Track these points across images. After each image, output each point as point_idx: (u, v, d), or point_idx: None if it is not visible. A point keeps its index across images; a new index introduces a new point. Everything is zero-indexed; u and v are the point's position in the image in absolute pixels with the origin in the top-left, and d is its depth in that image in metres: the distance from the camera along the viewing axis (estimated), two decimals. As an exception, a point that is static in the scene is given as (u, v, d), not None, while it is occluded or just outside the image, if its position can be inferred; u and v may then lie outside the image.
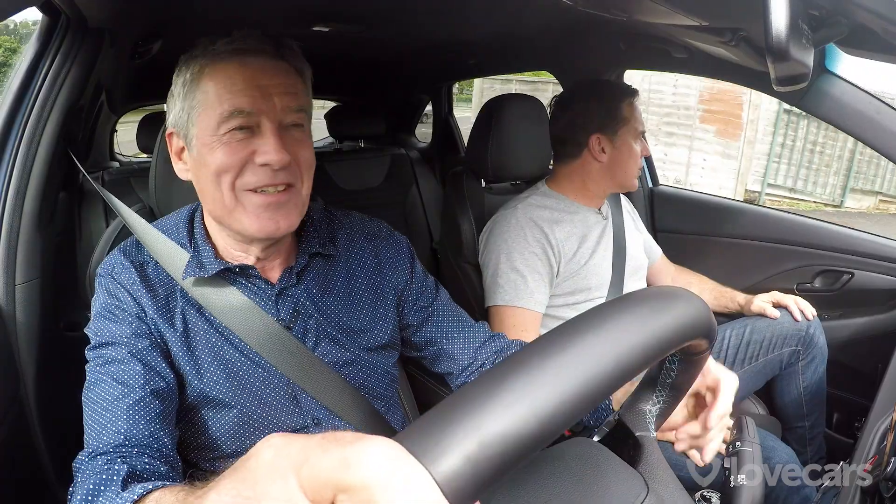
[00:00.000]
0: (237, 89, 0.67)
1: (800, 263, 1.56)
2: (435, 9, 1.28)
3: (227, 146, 0.68)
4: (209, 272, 0.73)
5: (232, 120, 0.67)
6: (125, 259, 0.75)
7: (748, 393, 1.40)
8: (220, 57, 0.68)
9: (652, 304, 0.35)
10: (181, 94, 0.70)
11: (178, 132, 0.72)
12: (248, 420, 0.73)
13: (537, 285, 1.18)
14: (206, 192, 0.71)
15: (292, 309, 0.77)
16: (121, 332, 0.70)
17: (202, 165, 0.70)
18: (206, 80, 0.68)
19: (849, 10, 0.62)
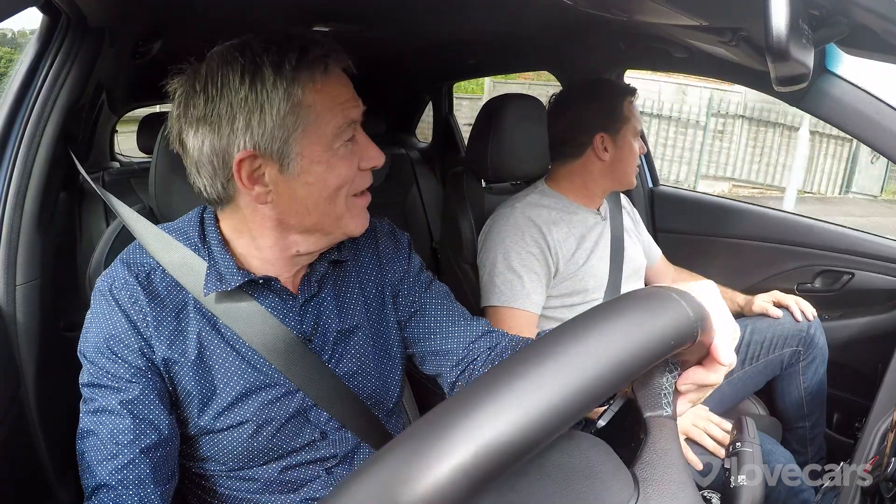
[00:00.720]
0: (344, 99, 0.67)
1: (800, 263, 1.56)
2: (435, 8, 1.27)
3: (344, 160, 0.67)
4: (231, 284, 0.69)
5: (346, 132, 0.67)
6: (128, 272, 0.69)
7: (748, 393, 1.40)
8: (317, 67, 0.65)
9: (635, 318, 0.34)
10: (274, 111, 0.63)
11: (266, 154, 0.65)
12: (257, 438, 0.71)
13: (534, 286, 1.18)
14: (312, 209, 0.68)
15: (314, 321, 0.74)
16: (114, 372, 0.67)
17: (309, 184, 0.66)
18: (310, 94, 0.64)
19: (849, 10, 0.62)
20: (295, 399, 0.72)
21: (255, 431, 0.70)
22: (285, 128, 0.64)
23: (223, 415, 0.69)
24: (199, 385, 0.69)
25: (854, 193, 8.32)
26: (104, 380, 0.67)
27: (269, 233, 0.70)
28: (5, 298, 0.82)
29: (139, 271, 0.70)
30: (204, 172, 0.67)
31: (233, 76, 0.63)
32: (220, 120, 0.64)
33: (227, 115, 0.63)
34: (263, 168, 0.65)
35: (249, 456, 0.71)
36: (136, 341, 0.67)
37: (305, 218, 0.69)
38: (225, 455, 0.71)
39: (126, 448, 0.65)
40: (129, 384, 0.67)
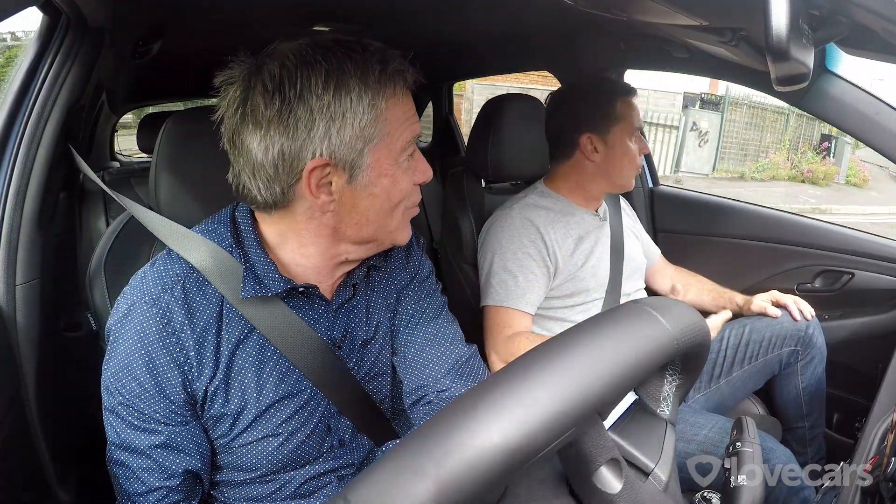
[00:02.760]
0: (411, 114, 0.67)
1: (800, 263, 1.56)
2: (435, 8, 1.27)
3: (406, 173, 0.67)
4: (271, 290, 0.66)
5: (410, 146, 0.67)
6: (160, 286, 0.65)
7: (748, 393, 1.40)
8: (396, 81, 0.64)
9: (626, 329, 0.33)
10: (357, 120, 0.61)
11: (341, 163, 0.63)
12: (285, 448, 0.69)
13: (530, 286, 1.18)
14: (373, 220, 0.67)
15: (344, 327, 0.73)
16: (148, 413, 0.64)
17: (373, 195, 0.65)
18: (388, 107, 0.63)
19: (849, 10, 0.62)
20: (321, 407, 0.71)
21: (283, 443, 0.69)
22: (363, 139, 0.62)
23: (249, 430, 0.68)
24: (229, 399, 0.67)
25: (683, 172, 9.58)
26: (132, 417, 0.65)
27: (322, 241, 0.68)
28: (5, 298, 0.82)
29: (172, 283, 0.66)
30: (262, 175, 0.63)
31: (315, 80, 0.60)
32: (297, 124, 0.60)
33: (306, 119, 0.60)
34: (332, 177, 0.63)
35: (279, 464, 0.70)
36: (176, 374, 0.64)
37: (363, 229, 0.67)
38: (254, 464, 0.70)
39: (160, 483, 0.65)
40: (162, 426, 0.65)
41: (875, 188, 12.10)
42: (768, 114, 11.57)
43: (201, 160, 0.90)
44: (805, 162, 11.39)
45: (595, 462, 0.34)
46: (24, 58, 0.89)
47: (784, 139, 11.72)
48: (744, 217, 1.68)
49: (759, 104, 11.17)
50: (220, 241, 0.68)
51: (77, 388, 0.96)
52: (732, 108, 10.78)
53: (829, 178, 11.37)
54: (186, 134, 0.89)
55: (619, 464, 0.35)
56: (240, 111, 0.62)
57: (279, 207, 0.66)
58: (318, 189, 0.63)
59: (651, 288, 1.54)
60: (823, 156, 12.07)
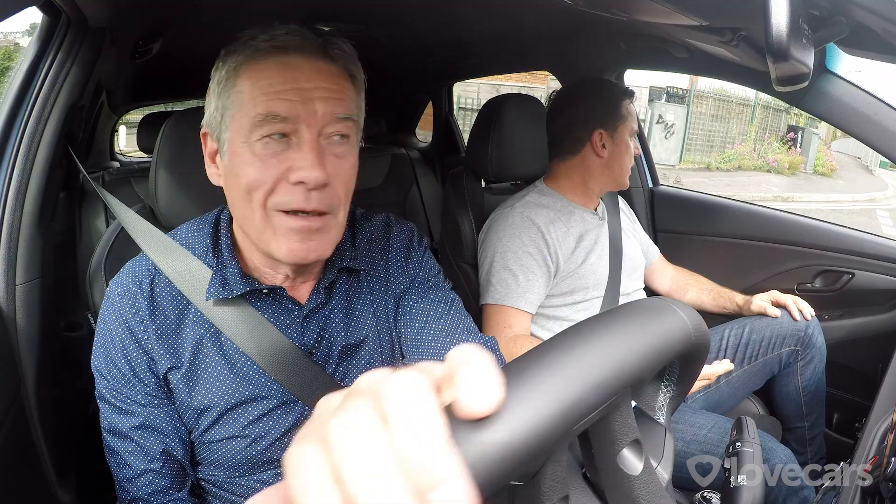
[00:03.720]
0: (273, 91, 0.59)
1: (800, 263, 1.56)
2: (435, 9, 1.27)
3: (259, 160, 0.60)
4: (234, 292, 0.66)
5: (265, 125, 0.59)
6: (132, 279, 0.68)
7: (748, 393, 1.40)
8: (259, 53, 0.61)
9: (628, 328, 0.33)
10: (216, 91, 0.63)
11: (212, 133, 0.65)
12: (254, 449, 0.69)
13: (530, 285, 1.18)
14: (237, 204, 0.65)
15: (318, 332, 0.71)
16: (126, 394, 0.67)
17: (232, 175, 0.63)
18: (242, 77, 0.61)
19: (849, 10, 0.62)
20: (294, 410, 0.70)
21: (251, 444, 0.69)
22: (220, 109, 0.63)
23: (214, 427, 0.68)
24: (192, 396, 0.68)
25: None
26: (116, 400, 0.68)
27: (242, 232, 0.69)
28: (5, 298, 0.82)
29: (142, 277, 0.69)
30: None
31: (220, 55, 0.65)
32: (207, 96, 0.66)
33: (208, 92, 0.66)
34: (214, 148, 0.66)
35: (251, 464, 0.70)
36: (141, 356, 0.67)
37: (234, 212, 0.67)
38: (227, 462, 0.70)
39: (144, 465, 0.68)
40: (140, 408, 0.67)
41: (843, 177, 12.75)
42: (734, 106, 12.02)
43: (201, 160, 0.90)
44: (771, 152, 11.84)
45: (620, 442, 0.34)
46: (24, 58, 0.89)
47: (750, 130, 12.05)
48: (744, 217, 1.68)
49: (724, 97, 11.54)
50: (198, 243, 0.70)
51: (77, 388, 0.96)
52: (698, 100, 11.14)
53: (795, 167, 11.84)
54: (186, 134, 0.90)
55: (640, 445, 0.35)
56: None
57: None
58: (213, 161, 0.67)
59: (650, 287, 1.54)
60: (789, 146, 12.57)
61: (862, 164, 15.36)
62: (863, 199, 10.38)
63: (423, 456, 0.19)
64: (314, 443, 0.20)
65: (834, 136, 18.57)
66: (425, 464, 0.19)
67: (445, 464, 0.19)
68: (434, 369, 0.23)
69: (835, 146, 16.91)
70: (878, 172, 14.51)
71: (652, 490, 0.36)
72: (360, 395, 0.21)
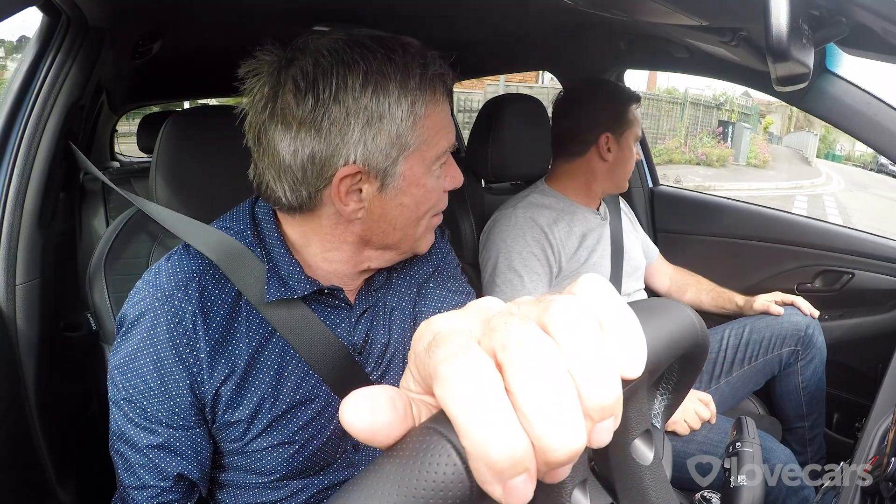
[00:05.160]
0: (448, 121, 0.63)
1: (800, 263, 1.56)
2: (435, 8, 1.27)
3: (438, 181, 0.65)
4: (297, 292, 0.63)
5: (445, 155, 0.64)
6: (172, 282, 0.62)
7: (748, 393, 1.40)
8: (436, 86, 0.60)
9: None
10: (394, 125, 0.58)
11: (371, 171, 0.59)
12: (298, 455, 0.67)
13: (535, 286, 1.18)
14: (396, 228, 0.64)
15: (366, 333, 0.70)
16: (151, 413, 0.61)
17: (401, 205, 0.63)
18: (426, 116, 0.60)
19: (849, 10, 0.62)
20: (337, 413, 0.69)
21: (298, 450, 0.67)
22: (399, 146, 0.59)
23: (264, 434, 0.65)
24: (243, 403, 0.64)
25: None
26: (134, 414, 0.62)
27: (346, 247, 0.66)
28: (5, 298, 0.82)
29: (187, 279, 0.62)
30: (288, 177, 0.60)
31: (352, 80, 0.56)
32: (330, 127, 0.57)
33: (341, 122, 0.56)
34: (363, 184, 0.60)
35: (294, 470, 0.68)
36: (181, 373, 0.61)
37: (389, 236, 0.65)
38: (269, 469, 0.67)
39: (153, 482, 0.63)
40: (162, 428, 0.62)
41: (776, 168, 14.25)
42: (663, 104, 12.86)
43: (201, 160, 0.90)
44: (701, 146, 12.69)
45: (634, 430, 0.34)
46: (24, 58, 0.89)
47: (679, 126, 12.54)
48: (744, 217, 1.68)
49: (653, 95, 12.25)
50: (240, 239, 0.65)
51: (77, 387, 0.96)
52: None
53: (724, 160, 12.83)
54: (186, 134, 0.90)
55: (651, 435, 0.36)
56: (268, 109, 0.58)
57: (303, 211, 0.63)
58: (348, 196, 0.60)
59: (650, 287, 1.54)
60: (719, 140, 13.61)
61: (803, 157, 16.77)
62: (787, 187, 11.84)
63: (603, 383, 0.19)
64: (481, 354, 0.19)
65: (788, 130, 19.66)
66: (604, 394, 0.19)
67: (618, 399, 0.19)
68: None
69: (786, 140, 18.97)
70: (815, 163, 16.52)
71: (660, 481, 0.36)
72: (522, 317, 0.20)
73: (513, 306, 0.22)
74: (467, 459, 0.18)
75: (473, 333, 0.20)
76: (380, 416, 0.19)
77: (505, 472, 0.17)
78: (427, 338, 0.20)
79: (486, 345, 0.19)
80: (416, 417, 0.20)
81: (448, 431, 0.19)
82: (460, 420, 0.18)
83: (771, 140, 19.31)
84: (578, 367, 0.19)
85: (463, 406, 0.18)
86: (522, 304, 0.22)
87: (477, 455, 0.17)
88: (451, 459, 0.18)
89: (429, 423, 0.20)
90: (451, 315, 0.22)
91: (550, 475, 0.19)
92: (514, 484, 0.18)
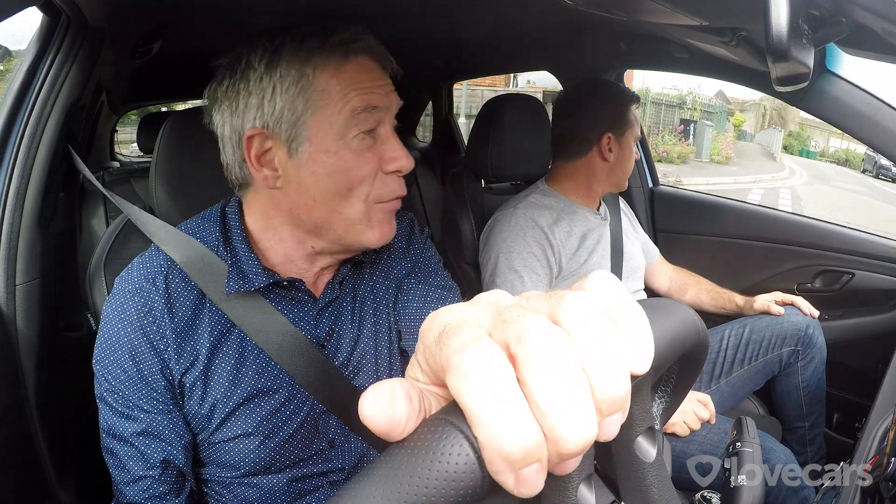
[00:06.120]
0: (364, 87, 0.64)
1: (800, 263, 1.56)
2: (435, 8, 1.27)
3: (357, 155, 0.64)
4: (255, 284, 0.66)
5: (361, 120, 0.63)
6: (143, 275, 0.67)
7: (748, 393, 1.40)
8: (336, 52, 0.63)
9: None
10: (283, 90, 0.62)
11: (273, 134, 0.63)
12: (266, 447, 0.68)
13: (535, 286, 1.18)
14: (322, 202, 0.65)
15: (329, 325, 0.72)
16: (130, 398, 0.65)
17: (314, 174, 0.64)
18: (324, 76, 0.62)
19: (849, 10, 0.62)
20: (305, 406, 0.70)
21: (262, 442, 0.68)
22: (294, 109, 0.62)
23: (226, 424, 0.67)
24: (206, 394, 0.67)
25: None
26: (118, 404, 0.66)
27: (285, 228, 0.68)
28: (5, 298, 0.82)
29: (155, 273, 0.67)
30: (227, 151, 0.67)
31: (253, 56, 0.63)
32: (237, 97, 0.64)
33: (244, 92, 0.63)
34: (274, 151, 0.64)
35: (260, 464, 0.69)
36: (153, 359, 0.65)
37: (313, 211, 0.65)
38: (236, 462, 0.69)
39: (142, 472, 0.66)
40: (143, 413, 0.66)
41: (739, 164, 15.00)
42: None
43: (201, 160, 0.90)
44: (661, 144, 13.26)
45: (637, 428, 0.35)
46: (24, 58, 0.89)
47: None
48: (744, 217, 1.68)
49: None
50: (207, 238, 0.69)
51: (77, 387, 0.96)
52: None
53: (685, 157, 13.53)
54: (186, 134, 0.89)
55: (654, 432, 0.36)
56: (209, 92, 0.67)
57: (245, 187, 0.69)
58: (260, 162, 0.65)
59: (650, 287, 1.54)
60: (680, 138, 14.19)
61: (769, 153, 17.75)
62: (746, 181, 12.43)
63: (614, 377, 0.19)
64: (494, 346, 0.19)
65: (761, 128, 20.56)
66: (614, 388, 0.19)
67: (627, 392, 0.19)
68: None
69: (757, 138, 20.18)
70: (781, 158, 17.56)
71: (662, 479, 0.36)
72: (534, 310, 0.20)
73: (522, 300, 0.22)
74: (480, 449, 0.18)
75: (483, 325, 0.20)
76: (399, 411, 0.20)
77: (518, 463, 0.18)
78: (436, 329, 0.21)
79: (498, 337, 0.19)
80: (427, 409, 0.21)
81: (460, 422, 0.19)
82: (474, 410, 0.18)
83: (744, 138, 20.75)
84: (590, 360, 0.19)
85: (477, 396, 0.18)
86: (532, 298, 0.22)
87: (490, 445, 0.18)
88: (464, 450, 0.18)
89: (440, 414, 0.20)
90: (459, 307, 0.22)
91: (561, 466, 0.19)
92: (527, 474, 0.18)
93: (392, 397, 0.20)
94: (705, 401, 1.15)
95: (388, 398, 0.20)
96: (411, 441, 0.19)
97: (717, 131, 15.84)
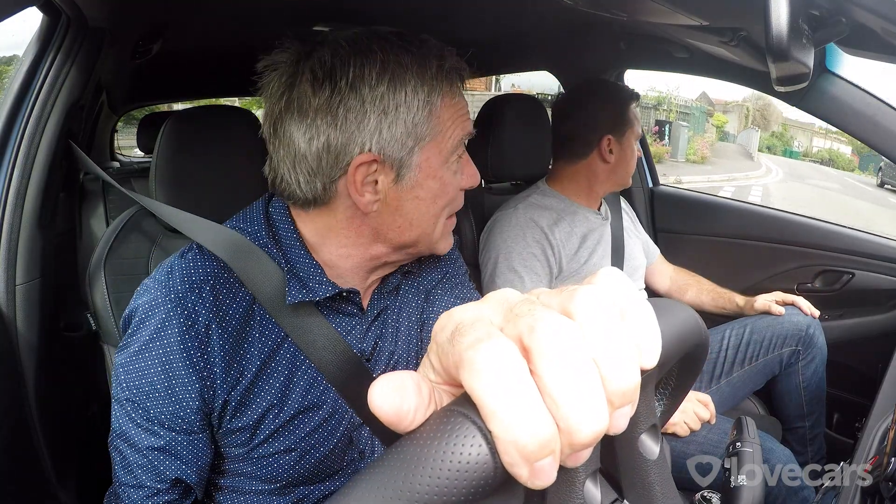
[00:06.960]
0: (463, 113, 0.64)
1: (800, 263, 1.56)
2: (435, 9, 1.27)
3: (454, 177, 0.65)
4: (318, 295, 0.62)
5: (460, 146, 0.64)
6: (186, 285, 0.59)
7: (748, 393, 1.40)
8: (454, 80, 0.62)
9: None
10: (409, 115, 0.58)
11: (386, 161, 0.59)
12: (303, 462, 0.66)
13: (535, 286, 1.18)
14: (412, 224, 0.63)
15: (375, 339, 0.69)
16: (154, 416, 0.60)
17: (417, 198, 0.62)
18: (442, 106, 0.61)
19: (849, 10, 0.62)
20: (344, 419, 0.67)
21: (301, 458, 0.65)
22: (415, 136, 0.59)
23: (273, 438, 0.64)
24: (250, 409, 0.63)
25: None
26: (136, 414, 0.61)
27: (362, 242, 0.64)
28: (5, 298, 0.82)
29: (200, 281, 0.61)
30: (303, 167, 0.59)
31: (369, 69, 0.57)
32: (346, 114, 0.57)
33: (357, 110, 0.57)
34: (378, 175, 0.60)
35: (298, 478, 0.67)
36: (192, 380, 0.59)
37: (406, 233, 0.63)
38: (274, 476, 0.66)
39: (150, 483, 0.62)
40: (164, 431, 0.61)
41: (715, 163, 15.89)
42: None
43: (201, 160, 0.90)
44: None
45: (641, 424, 0.35)
46: (24, 58, 0.89)
47: None
48: (744, 217, 1.68)
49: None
50: (254, 240, 0.63)
51: (77, 387, 0.96)
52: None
53: (660, 156, 14.22)
54: (186, 134, 0.90)
55: (657, 430, 0.36)
56: (285, 98, 0.58)
57: (318, 204, 0.62)
58: (363, 187, 0.60)
59: (650, 287, 1.54)
60: (655, 139, 14.85)
61: (746, 153, 18.67)
62: (719, 179, 13.15)
63: (625, 370, 0.19)
64: (506, 340, 0.19)
65: (744, 128, 21.30)
66: (625, 380, 0.19)
67: (637, 385, 0.20)
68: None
69: (738, 138, 21.34)
70: (758, 157, 18.53)
71: (665, 477, 0.36)
72: (546, 305, 0.21)
73: (533, 296, 0.22)
74: (493, 441, 0.18)
75: (495, 322, 0.21)
76: (407, 401, 0.20)
77: (533, 455, 0.18)
78: (449, 328, 0.21)
79: (510, 331, 0.20)
80: (438, 404, 0.21)
81: (472, 413, 0.19)
82: (489, 404, 0.18)
83: (726, 138, 21.81)
84: (601, 353, 0.19)
85: (491, 391, 0.18)
86: (543, 293, 0.22)
87: (506, 438, 0.18)
88: (476, 441, 0.18)
89: (451, 405, 0.20)
90: (471, 305, 0.22)
91: (572, 458, 0.19)
92: (541, 465, 0.18)
93: (401, 387, 0.20)
94: (705, 401, 1.15)
95: (397, 388, 0.20)
96: (421, 432, 0.20)
97: (693, 132, 16.38)
